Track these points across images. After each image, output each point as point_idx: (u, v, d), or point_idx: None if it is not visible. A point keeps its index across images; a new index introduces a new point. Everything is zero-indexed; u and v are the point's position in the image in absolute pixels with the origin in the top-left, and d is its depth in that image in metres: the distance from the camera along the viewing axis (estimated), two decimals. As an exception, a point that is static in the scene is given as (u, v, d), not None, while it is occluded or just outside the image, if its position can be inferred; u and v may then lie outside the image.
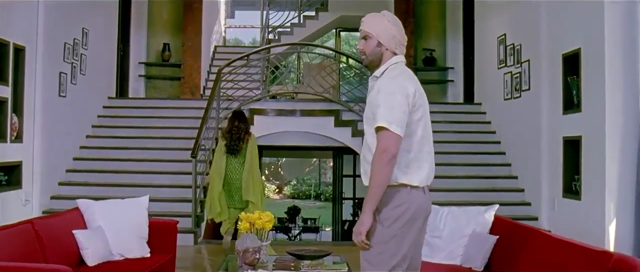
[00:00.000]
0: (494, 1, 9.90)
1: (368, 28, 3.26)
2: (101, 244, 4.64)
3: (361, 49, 3.31)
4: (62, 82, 8.46)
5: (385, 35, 3.24)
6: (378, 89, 3.16)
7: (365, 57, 3.32)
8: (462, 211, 4.88)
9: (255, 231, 4.14)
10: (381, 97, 3.10)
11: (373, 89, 3.23)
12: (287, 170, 31.01)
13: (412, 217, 3.14)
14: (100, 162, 8.97)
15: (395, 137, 3.04)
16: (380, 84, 3.18)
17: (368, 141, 3.20)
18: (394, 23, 3.28)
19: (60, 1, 8.26)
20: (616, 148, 6.51)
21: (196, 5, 12.61)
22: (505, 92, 9.27)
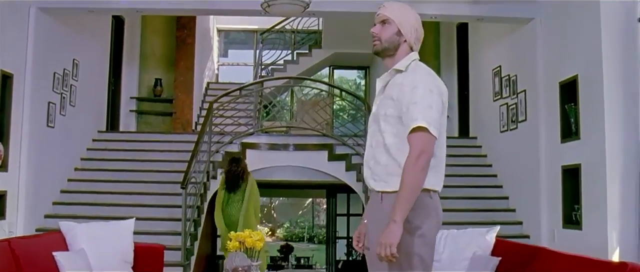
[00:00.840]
0: (488, 34, 9.86)
1: (389, 13, 3.02)
2: (83, 268, 4.42)
3: (376, 33, 3.05)
4: (51, 112, 8.29)
5: (407, 26, 3.02)
6: (413, 85, 2.87)
7: (379, 43, 3.04)
8: (462, 232, 4.70)
9: (244, 250, 3.95)
10: (418, 93, 2.83)
11: (396, 83, 2.95)
12: (280, 212, 30.71)
13: (438, 224, 2.92)
14: (88, 195, 8.75)
15: (432, 140, 2.80)
16: (414, 79, 2.90)
17: (386, 141, 2.92)
18: (417, 17, 3.09)
19: (50, 30, 8.16)
20: (617, 175, 6.37)
21: (189, 40, 12.56)
22: (501, 124, 9.15)
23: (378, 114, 2.99)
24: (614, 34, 6.50)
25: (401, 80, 2.95)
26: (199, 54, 13.05)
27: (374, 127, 3.01)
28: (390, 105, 2.93)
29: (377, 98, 3.09)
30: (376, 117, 3.01)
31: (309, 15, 9.08)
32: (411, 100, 2.85)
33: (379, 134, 2.96)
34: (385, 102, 2.96)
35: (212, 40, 15.23)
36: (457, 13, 8.16)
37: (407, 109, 2.85)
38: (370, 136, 3.05)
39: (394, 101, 2.93)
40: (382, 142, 2.95)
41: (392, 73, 3.02)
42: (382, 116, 2.96)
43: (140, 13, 9.63)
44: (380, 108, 2.99)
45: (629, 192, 6.29)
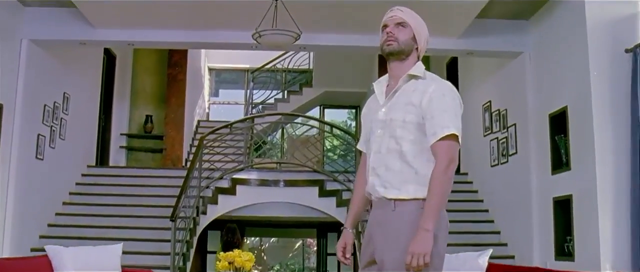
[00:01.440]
0: (477, 70, 9.94)
1: (406, 17, 2.97)
2: (69, 290, 4.35)
3: (394, 34, 2.96)
4: (40, 144, 8.24)
5: (422, 35, 3.01)
6: (442, 92, 2.85)
7: (396, 44, 2.95)
8: (454, 257, 4.65)
9: (234, 269, 3.89)
10: (448, 101, 2.82)
11: (417, 89, 2.88)
12: (270, 255, 30.43)
13: (447, 236, 2.87)
14: (76, 229, 8.63)
15: (458, 149, 2.82)
16: (441, 86, 2.89)
17: (403, 148, 2.85)
18: (427, 30, 3.07)
19: (42, 62, 8.18)
20: (608, 205, 6.35)
21: (180, 77, 12.59)
22: (491, 158, 9.15)
23: (392, 119, 2.90)
24: (602, 64, 6.56)
25: (423, 87, 2.88)
26: (190, 92, 13.08)
27: (383, 133, 2.93)
28: (412, 111, 2.86)
29: (385, 103, 2.99)
30: (388, 123, 2.92)
31: (299, 49, 9.17)
32: (440, 108, 2.81)
33: (393, 140, 2.89)
34: (406, 108, 2.87)
35: (203, 79, 15.29)
36: (447, 47, 8.22)
37: (433, 116, 2.80)
38: (376, 143, 2.95)
39: (415, 107, 2.86)
40: (397, 149, 2.88)
41: (405, 79, 2.95)
42: (399, 122, 2.87)
43: (132, 46, 9.67)
44: (396, 113, 2.90)
45: (621, 223, 6.26)
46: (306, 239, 24.33)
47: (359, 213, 3.17)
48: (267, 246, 30.74)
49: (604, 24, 6.62)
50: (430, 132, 2.82)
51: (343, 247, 3.05)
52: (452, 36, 8.04)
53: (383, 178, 2.90)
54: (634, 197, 6.12)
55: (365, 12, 7.15)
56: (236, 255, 3.97)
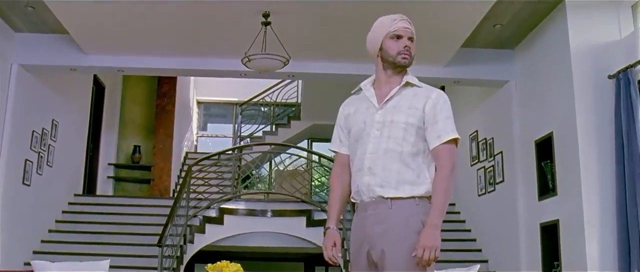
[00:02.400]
0: (464, 101, 10.04)
1: (411, 27, 3.07)
2: (55, 304, 4.31)
3: (411, 50, 3.04)
4: (28, 170, 8.22)
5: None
6: (444, 99, 3.00)
7: (410, 60, 3.05)
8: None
9: (223, 278, 3.89)
10: (449, 108, 2.99)
11: (419, 95, 3.00)
12: (257, 293, 30.16)
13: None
14: (62, 257, 8.55)
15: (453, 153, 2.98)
16: (441, 94, 3.03)
17: (404, 149, 2.94)
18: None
19: (31, 88, 8.20)
20: (595, 229, 6.41)
21: (169, 108, 12.64)
22: (479, 188, 9.20)
23: (394, 121, 2.97)
24: (586, 90, 6.69)
25: (425, 92, 3.02)
26: (178, 123, 13.12)
27: (381, 134, 2.98)
28: (415, 115, 2.96)
29: (382, 106, 3.04)
30: (387, 125, 2.98)
31: (288, 77, 9.25)
32: (444, 114, 2.95)
33: (392, 141, 2.95)
34: (409, 111, 2.97)
35: (192, 111, 15.33)
36: (434, 75, 8.31)
37: (437, 121, 2.93)
38: (372, 143, 3.00)
39: (418, 111, 2.97)
40: (396, 150, 2.95)
41: (403, 85, 3.03)
42: (402, 124, 2.96)
43: (122, 73, 9.71)
44: (399, 116, 2.97)
45: (608, 247, 6.31)
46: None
47: (340, 212, 3.19)
48: (253, 283, 30.46)
49: (588, 51, 6.76)
50: (433, 136, 2.94)
51: (332, 245, 3.04)
52: (439, 65, 8.16)
53: (380, 177, 2.94)
54: (620, 221, 6.18)
55: (354, 40, 7.24)
56: (224, 265, 3.97)
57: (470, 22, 7.10)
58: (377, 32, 3.08)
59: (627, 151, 6.14)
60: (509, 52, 8.24)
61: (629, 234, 6.02)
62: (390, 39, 3.04)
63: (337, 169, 3.21)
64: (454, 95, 10.40)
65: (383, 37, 3.05)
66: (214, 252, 10.55)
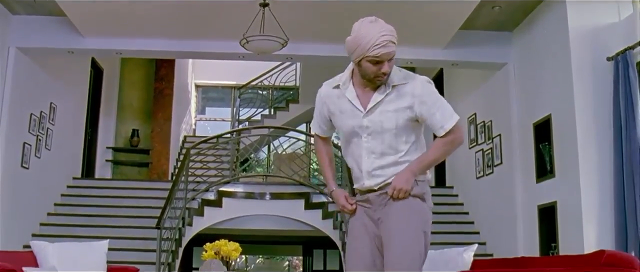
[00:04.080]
0: (462, 84, 10.04)
1: (391, 48, 2.85)
2: (54, 285, 4.33)
3: (388, 70, 2.89)
4: (26, 153, 8.21)
5: (396, 37, 2.91)
6: (428, 91, 2.94)
7: (385, 79, 2.93)
8: (440, 253, 4.69)
9: (220, 259, 3.90)
10: (436, 95, 2.95)
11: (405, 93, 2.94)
12: (256, 277, 30.27)
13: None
14: (61, 239, 8.56)
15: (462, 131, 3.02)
16: (423, 85, 2.95)
17: (399, 148, 2.99)
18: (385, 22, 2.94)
19: (29, 71, 8.19)
20: (592, 210, 6.43)
21: (167, 92, 12.62)
22: (477, 170, 9.22)
23: (384, 126, 2.96)
24: (585, 72, 6.69)
25: (409, 89, 2.95)
26: (177, 106, 13.10)
27: (372, 138, 2.99)
28: (405, 115, 2.95)
29: (368, 112, 3.00)
30: (377, 130, 2.98)
31: (286, 59, 9.23)
32: (436, 104, 2.94)
33: (386, 145, 2.98)
34: (397, 114, 2.94)
35: (190, 95, 15.31)
36: (432, 58, 8.32)
37: (434, 113, 2.94)
38: (366, 148, 3.01)
39: (408, 109, 2.95)
40: (391, 154, 2.99)
41: (386, 89, 2.96)
42: (392, 128, 2.96)
43: (120, 55, 9.69)
44: (388, 121, 2.95)
45: (605, 229, 6.33)
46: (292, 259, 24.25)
47: (334, 174, 3.32)
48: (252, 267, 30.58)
49: (586, 33, 6.76)
50: (436, 127, 2.98)
51: (345, 197, 3.13)
52: (437, 47, 8.15)
53: (381, 179, 3.01)
54: (617, 202, 6.20)
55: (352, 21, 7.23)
56: (222, 244, 3.98)
57: (468, 4, 7.09)
58: (355, 50, 2.92)
59: (625, 133, 6.15)
60: (507, 34, 8.23)
61: (626, 216, 6.04)
62: (368, 62, 2.90)
63: (319, 144, 3.31)
64: (452, 78, 10.44)
65: (362, 57, 2.90)
66: (213, 235, 10.58)
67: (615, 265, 2.82)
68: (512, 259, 3.83)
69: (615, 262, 2.83)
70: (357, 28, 2.91)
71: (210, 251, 3.98)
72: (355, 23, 2.95)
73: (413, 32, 7.73)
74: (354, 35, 2.91)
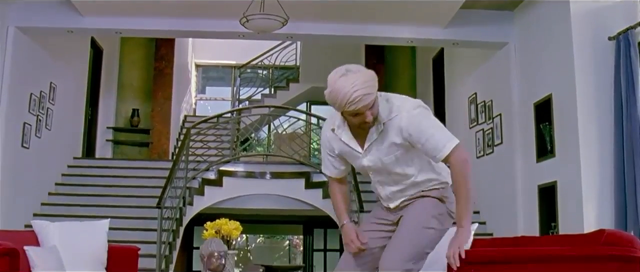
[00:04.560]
0: (463, 64, 10.01)
1: (368, 98, 2.80)
2: (55, 264, 4.33)
3: (371, 119, 2.89)
4: (26, 132, 8.21)
5: (372, 83, 2.84)
6: (416, 121, 2.90)
7: (374, 121, 2.93)
8: (439, 233, 4.67)
9: (221, 238, 3.91)
10: (424, 122, 2.90)
11: (390, 130, 2.94)
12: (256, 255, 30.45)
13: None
14: (62, 219, 8.59)
15: (463, 147, 2.99)
16: (408, 115, 2.91)
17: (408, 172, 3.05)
18: (358, 69, 2.86)
19: (28, 50, 8.16)
20: (592, 190, 6.44)
21: (167, 71, 12.60)
22: (477, 150, 9.21)
23: (384, 162, 3.01)
24: (586, 52, 6.66)
25: (396, 123, 2.94)
26: (177, 86, 13.08)
27: (379, 173, 3.08)
28: (400, 148, 2.98)
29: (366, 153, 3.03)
30: (379, 166, 3.04)
31: (286, 38, 9.19)
32: (426, 133, 2.89)
33: (395, 175, 3.06)
34: (390, 149, 2.98)
35: (190, 74, 15.28)
36: (433, 37, 8.29)
37: (427, 140, 2.90)
38: (379, 181, 3.13)
39: (401, 143, 2.96)
40: (403, 181, 3.06)
41: (377, 128, 2.97)
42: (392, 161, 3.00)
43: (120, 35, 9.66)
44: (386, 157, 3.00)
45: (605, 208, 6.34)
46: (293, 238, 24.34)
47: (347, 208, 3.28)
48: (253, 247, 30.70)
49: (588, 12, 6.72)
50: (431, 155, 2.96)
51: (356, 234, 3.12)
52: (438, 26, 8.11)
53: (402, 198, 3.13)
54: (617, 182, 6.20)
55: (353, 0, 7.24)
56: (223, 223, 4.00)
57: (470, -17, 7.05)
58: (334, 104, 2.90)
59: (626, 113, 6.14)
60: (509, 13, 8.18)
61: (626, 195, 6.05)
62: (349, 115, 2.92)
63: (334, 186, 3.30)
64: (453, 58, 10.41)
65: (341, 111, 2.91)
66: (214, 215, 10.60)
67: (615, 244, 2.83)
68: (512, 239, 3.83)
69: (616, 242, 2.84)
70: (331, 82, 2.85)
71: (211, 230, 4.00)
72: (330, 75, 2.88)
73: (414, 11, 7.70)
74: (329, 90, 2.86)
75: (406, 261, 2.91)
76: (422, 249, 2.98)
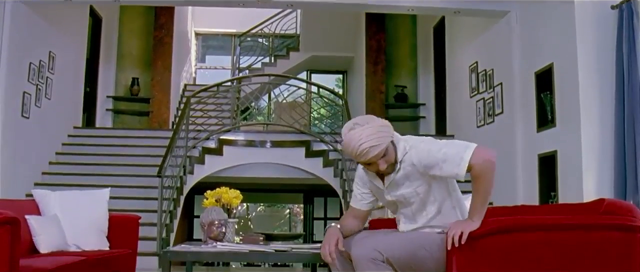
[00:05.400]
0: (464, 32, 9.96)
1: (380, 145, 2.90)
2: (56, 233, 4.35)
3: (385, 167, 2.98)
4: (26, 102, 8.19)
5: (386, 131, 2.96)
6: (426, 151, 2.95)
7: (390, 167, 3.01)
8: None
9: (221, 206, 3.93)
10: (433, 148, 2.94)
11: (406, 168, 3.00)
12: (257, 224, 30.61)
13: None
14: (63, 188, 8.62)
15: (486, 149, 2.97)
16: (418, 150, 2.97)
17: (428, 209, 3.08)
18: (366, 122, 2.97)
19: (27, 20, 8.10)
20: (592, 160, 6.43)
21: (167, 40, 12.52)
22: (478, 119, 9.20)
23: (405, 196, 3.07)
24: (588, 21, 6.60)
25: (408, 161, 2.99)
26: (177, 55, 13.02)
27: (402, 207, 3.13)
28: (420, 182, 3.02)
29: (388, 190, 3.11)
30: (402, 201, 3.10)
31: (287, 6, 9.13)
32: (439, 157, 2.92)
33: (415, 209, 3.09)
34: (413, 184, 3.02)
35: (190, 43, 15.22)
36: (433, 5, 8.23)
37: (441, 168, 2.92)
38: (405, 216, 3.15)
39: (418, 180, 3.01)
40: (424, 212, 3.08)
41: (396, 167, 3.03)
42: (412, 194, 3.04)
43: (118, 3, 9.58)
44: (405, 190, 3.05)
45: (605, 178, 6.34)
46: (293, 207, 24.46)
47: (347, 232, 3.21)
48: (253, 215, 30.86)
49: (590, -20, 6.65)
50: (454, 173, 2.95)
51: (336, 242, 3.03)
52: (440, -6, 8.06)
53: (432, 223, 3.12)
54: (617, 152, 6.19)
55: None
56: (223, 192, 4.01)
57: (471, -49, 6.98)
58: (349, 156, 3.04)
59: (627, 83, 6.11)
60: (511, -19, 8.12)
61: (626, 165, 6.05)
62: (363, 165, 3.07)
63: (349, 217, 3.29)
64: (454, 26, 10.34)
65: (356, 162, 3.07)
66: (214, 183, 10.62)
67: (615, 213, 2.84)
68: (512, 208, 3.84)
69: (615, 211, 2.84)
70: (343, 136, 2.99)
71: (211, 198, 4.01)
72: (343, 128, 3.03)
73: (415, -21, 7.64)
74: (343, 143, 3.00)
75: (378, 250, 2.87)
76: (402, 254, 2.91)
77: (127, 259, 4.72)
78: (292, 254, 3.42)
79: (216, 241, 3.62)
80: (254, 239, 3.80)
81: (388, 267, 2.85)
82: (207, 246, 3.56)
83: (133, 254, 4.84)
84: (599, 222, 2.86)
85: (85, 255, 4.13)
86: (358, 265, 2.85)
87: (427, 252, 2.93)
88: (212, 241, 3.63)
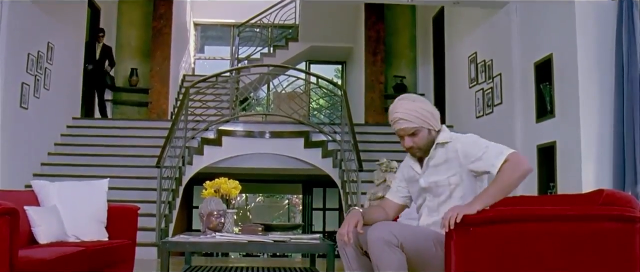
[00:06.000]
0: (463, 23, 9.94)
1: (412, 120, 3.06)
2: (55, 223, 4.35)
3: (414, 147, 3.12)
4: (25, 93, 8.19)
5: (429, 117, 3.08)
6: (471, 141, 3.09)
7: (420, 152, 3.14)
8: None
9: (220, 197, 3.93)
10: (480, 141, 3.07)
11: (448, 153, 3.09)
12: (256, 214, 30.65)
13: None
14: (62, 179, 8.61)
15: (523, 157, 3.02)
16: (465, 140, 3.11)
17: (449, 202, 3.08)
18: (425, 101, 3.15)
19: (26, 11, 8.09)
20: (591, 151, 6.42)
21: (166, 30, 12.51)
22: (477, 110, 9.20)
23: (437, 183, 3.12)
24: (588, 11, 6.58)
25: (452, 148, 3.09)
26: (176, 45, 13.01)
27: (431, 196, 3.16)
28: (455, 169, 3.08)
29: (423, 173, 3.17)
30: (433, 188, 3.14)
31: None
32: (480, 149, 3.04)
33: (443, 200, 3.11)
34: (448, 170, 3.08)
35: (189, 34, 15.19)
36: (434, -4, 8.22)
37: (481, 157, 3.02)
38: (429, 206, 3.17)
39: (455, 166, 3.08)
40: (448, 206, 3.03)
41: (434, 148, 3.12)
42: (444, 183, 3.10)
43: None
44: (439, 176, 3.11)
45: (604, 169, 6.33)
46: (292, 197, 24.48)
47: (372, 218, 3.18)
48: (252, 206, 30.90)
49: (590, -29, 6.62)
50: (488, 166, 3.02)
51: (356, 223, 3.02)
52: (439, -15, 8.03)
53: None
54: (616, 143, 6.19)
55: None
56: (222, 182, 4.01)
57: (471, -59, 6.95)
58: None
59: (627, 74, 6.10)
60: (510, -28, 8.09)
61: (625, 156, 6.05)
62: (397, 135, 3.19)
63: (378, 207, 3.35)
64: (453, 17, 10.32)
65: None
66: (213, 174, 10.63)
67: (613, 204, 2.84)
68: (511, 198, 3.82)
69: (614, 201, 2.84)
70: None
71: (210, 189, 4.01)
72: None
73: (414, -31, 7.61)
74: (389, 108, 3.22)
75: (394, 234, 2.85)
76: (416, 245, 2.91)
77: (126, 249, 4.72)
78: (290, 245, 3.43)
79: (215, 231, 3.62)
80: (253, 229, 3.80)
81: (400, 253, 2.84)
82: (206, 237, 3.57)
83: (132, 245, 4.84)
84: (598, 213, 2.86)
85: (84, 245, 4.13)
86: (372, 245, 2.84)
87: (440, 251, 2.92)
88: (211, 231, 3.63)
